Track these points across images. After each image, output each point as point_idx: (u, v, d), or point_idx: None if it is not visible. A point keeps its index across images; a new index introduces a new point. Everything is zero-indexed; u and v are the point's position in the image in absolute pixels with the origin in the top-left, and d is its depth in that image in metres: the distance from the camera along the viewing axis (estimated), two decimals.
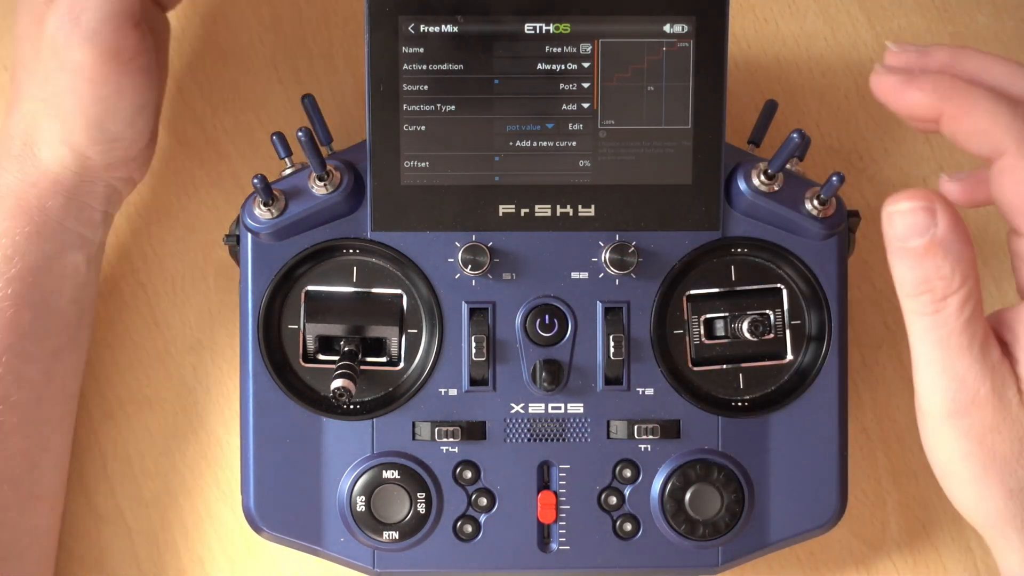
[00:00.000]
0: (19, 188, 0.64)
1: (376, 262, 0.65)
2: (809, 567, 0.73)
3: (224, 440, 0.73)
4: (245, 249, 0.65)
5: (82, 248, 0.66)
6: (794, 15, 0.74)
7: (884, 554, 0.73)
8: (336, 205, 0.64)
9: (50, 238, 0.64)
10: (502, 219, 0.64)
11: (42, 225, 0.64)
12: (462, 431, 0.64)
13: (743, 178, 0.64)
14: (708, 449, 0.65)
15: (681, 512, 0.65)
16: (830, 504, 0.66)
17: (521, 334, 0.65)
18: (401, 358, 0.65)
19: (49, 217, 0.64)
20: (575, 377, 0.65)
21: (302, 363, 0.65)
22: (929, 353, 0.53)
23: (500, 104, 0.63)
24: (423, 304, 0.65)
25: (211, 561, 0.73)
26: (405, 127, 0.63)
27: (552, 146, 0.63)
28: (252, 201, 0.64)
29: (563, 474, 0.65)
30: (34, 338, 0.65)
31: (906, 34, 0.73)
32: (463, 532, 0.65)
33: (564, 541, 0.65)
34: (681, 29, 0.62)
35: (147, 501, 0.72)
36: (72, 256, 0.66)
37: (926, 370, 0.53)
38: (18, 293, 0.64)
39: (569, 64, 0.63)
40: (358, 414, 0.65)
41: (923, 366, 0.53)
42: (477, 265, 0.64)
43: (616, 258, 0.64)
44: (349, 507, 0.64)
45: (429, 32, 0.62)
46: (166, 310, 0.72)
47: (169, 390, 0.73)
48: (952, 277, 0.51)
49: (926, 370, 0.53)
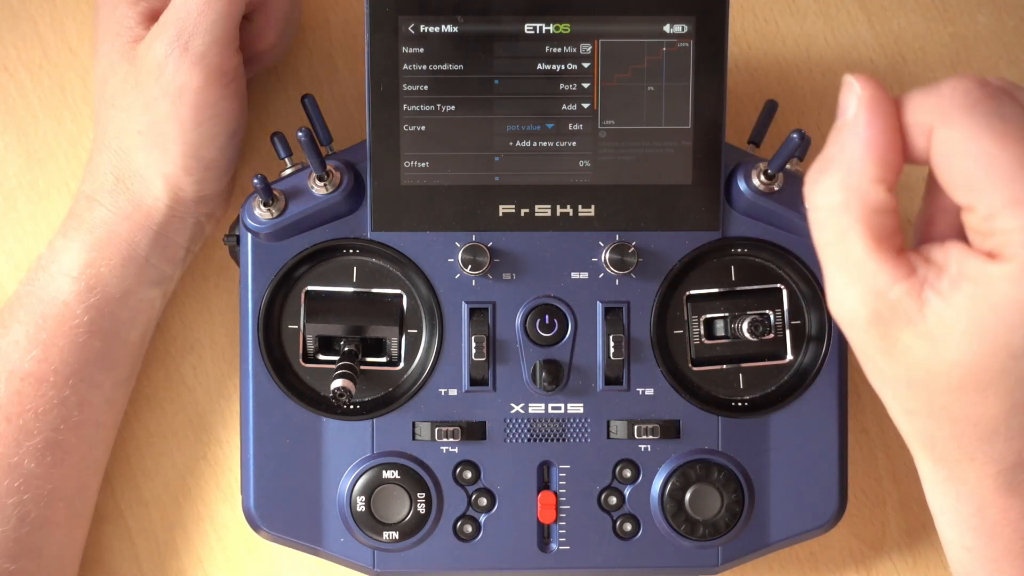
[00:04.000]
0: (112, 221, 0.65)
1: (376, 262, 0.65)
2: (809, 567, 0.73)
3: (224, 440, 0.73)
4: (245, 249, 0.65)
5: (160, 284, 0.68)
6: (794, 15, 0.74)
7: (884, 554, 0.73)
8: (336, 205, 0.64)
9: (133, 272, 0.66)
10: (502, 219, 0.64)
11: (128, 259, 0.66)
12: (462, 431, 0.64)
13: (743, 178, 0.64)
14: (708, 449, 0.65)
15: (681, 512, 0.65)
16: (830, 504, 0.66)
17: (521, 334, 0.65)
18: (401, 358, 0.65)
19: (136, 252, 0.66)
20: (575, 377, 0.65)
21: (302, 363, 0.65)
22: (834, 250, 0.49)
23: (500, 104, 0.63)
24: (423, 304, 0.65)
25: (211, 561, 0.73)
26: (405, 127, 0.63)
27: (552, 146, 0.63)
28: (252, 201, 0.64)
29: (563, 474, 0.65)
30: (101, 366, 0.67)
31: (906, 34, 0.73)
32: (463, 532, 0.65)
33: (564, 541, 0.65)
34: (681, 29, 0.62)
35: (147, 501, 0.72)
36: (149, 291, 0.68)
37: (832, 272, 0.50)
38: (93, 321, 0.65)
39: (569, 64, 0.63)
40: (358, 414, 0.65)
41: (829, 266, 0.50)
42: (477, 265, 0.64)
43: (616, 258, 0.64)
44: (349, 507, 0.64)
45: (429, 32, 0.62)
46: (166, 310, 0.72)
47: (169, 390, 0.73)
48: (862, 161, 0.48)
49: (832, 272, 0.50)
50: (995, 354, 0.46)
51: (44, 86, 0.73)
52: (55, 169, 0.73)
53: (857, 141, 0.48)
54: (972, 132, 0.46)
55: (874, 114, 0.47)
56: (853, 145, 0.48)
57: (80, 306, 0.65)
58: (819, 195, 0.49)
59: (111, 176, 0.65)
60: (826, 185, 0.48)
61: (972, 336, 0.46)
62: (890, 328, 0.48)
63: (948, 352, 0.47)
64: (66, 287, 0.65)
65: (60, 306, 0.65)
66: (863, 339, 0.49)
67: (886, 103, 0.48)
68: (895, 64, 0.73)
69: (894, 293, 0.47)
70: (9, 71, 0.73)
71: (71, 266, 0.65)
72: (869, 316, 0.48)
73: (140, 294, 0.67)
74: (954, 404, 0.49)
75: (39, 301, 0.65)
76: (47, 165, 0.73)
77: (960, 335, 0.47)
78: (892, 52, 0.73)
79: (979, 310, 0.46)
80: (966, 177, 0.46)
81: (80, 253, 0.65)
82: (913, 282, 0.47)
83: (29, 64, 0.73)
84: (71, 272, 0.65)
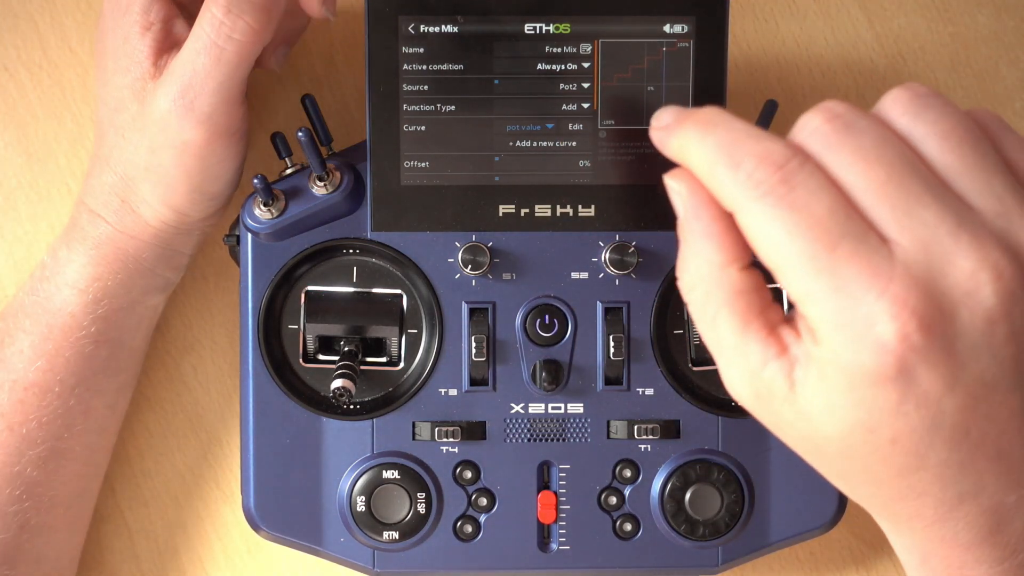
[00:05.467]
0: (118, 238, 0.65)
1: (376, 262, 0.65)
2: (809, 567, 0.73)
3: (224, 440, 0.73)
4: (245, 249, 0.65)
5: (164, 290, 0.68)
6: (794, 15, 0.74)
7: (884, 554, 0.73)
8: (336, 205, 0.64)
9: (139, 283, 0.66)
10: (502, 219, 0.64)
11: (135, 272, 0.65)
12: (462, 431, 0.64)
13: None
14: (708, 449, 0.65)
15: (681, 512, 0.65)
16: (830, 504, 0.66)
17: (521, 334, 0.65)
18: (401, 358, 0.65)
19: (142, 266, 0.66)
20: (575, 377, 0.65)
21: (302, 363, 0.65)
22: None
23: (500, 104, 0.63)
24: (423, 304, 0.65)
25: (211, 561, 0.73)
26: (405, 127, 0.63)
27: (552, 146, 0.63)
28: (252, 201, 0.64)
29: (563, 474, 0.65)
30: (106, 374, 0.67)
31: (906, 34, 0.73)
32: (463, 532, 0.65)
33: (564, 541, 0.65)
34: (681, 29, 0.62)
35: (147, 501, 0.72)
36: (153, 298, 0.68)
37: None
38: (100, 331, 0.65)
39: (569, 64, 0.63)
40: (358, 414, 0.65)
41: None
42: (477, 265, 0.64)
43: (616, 258, 0.64)
44: (349, 507, 0.64)
45: (429, 32, 0.62)
46: (166, 310, 0.72)
47: (169, 390, 0.73)
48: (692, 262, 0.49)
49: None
50: (853, 429, 0.47)
51: (44, 86, 0.73)
52: (55, 169, 0.73)
53: (694, 235, 0.49)
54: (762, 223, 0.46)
55: (698, 206, 0.48)
56: (693, 240, 0.49)
57: (87, 317, 0.65)
58: (685, 290, 0.50)
59: (116, 198, 0.64)
60: (686, 280, 0.50)
61: (830, 413, 0.47)
62: (771, 405, 0.49)
63: (819, 427, 0.47)
64: (73, 299, 0.65)
65: (67, 317, 0.65)
66: (757, 416, 0.50)
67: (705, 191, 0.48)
68: (895, 64, 0.73)
69: (767, 372, 0.48)
70: (9, 71, 0.73)
71: (77, 279, 0.65)
72: (752, 395, 0.49)
73: (146, 302, 0.67)
74: (850, 471, 0.49)
75: (44, 312, 0.65)
76: (47, 165, 0.73)
77: (821, 412, 0.47)
78: (892, 52, 0.73)
79: (826, 389, 0.46)
80: (769, 263, 0.47)
81: (86, 266, 0.65)
82: (784, 361, 0.48)
83: (29, 64, 0.73)
84: (77, 284, 0.65)
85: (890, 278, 0.45)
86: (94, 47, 0.65)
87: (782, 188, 0.46)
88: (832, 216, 0.45)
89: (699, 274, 0.49)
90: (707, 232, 0.49)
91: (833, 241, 0.45)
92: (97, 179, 0.65)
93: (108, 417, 0.68)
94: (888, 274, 0.45)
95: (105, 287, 0.65)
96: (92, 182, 0.65)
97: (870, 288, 0.45)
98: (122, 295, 0.66)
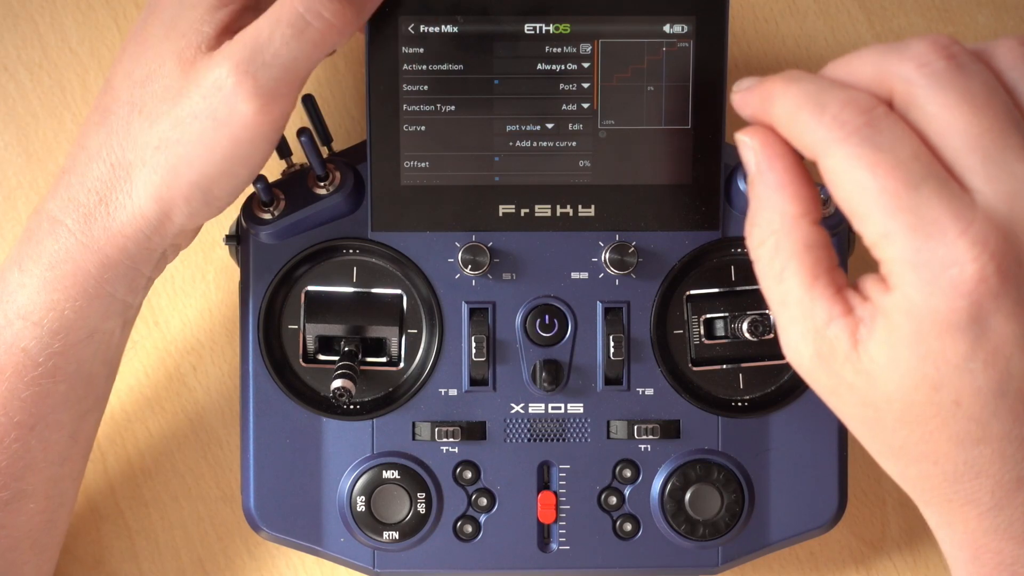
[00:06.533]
0: (80, 255, 0.58)
1: (376, 262, 0.65)
2: (809, 567, 0.73)
3: (224, 440, 0.73)
4: (245, 249, 0.65)
5: (122, 314, 0.62)
6: (794, 15, 0.74)
7: (884, 554, 0.73)
8: (336, 205, 0.64)
9: (97, 310, 0.60)
10: (502, 219, 0.64)
11: (94, 298, 0.59)
12: (462, 431, 0.64)
13: (743, 178, 0.64)
14: (708, 449, 0.65)
15: (681, 512, 0.65)
16: (830, 504, 0.66)
17: (521, 334, 0.65)
18: (401, 358, 0.65)
19: (102, 289, 0.59)
20: (575, 377, 0.65)
21: (302, 363, 0.65)
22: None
23: (500, 104, 0.63)
24: (423, 304, 0.65)
25: (211, 561, 0.73)
26: (405, 127, 0.63)
27: (552, 146, 0.63)
28: (252, 201, 0.64)
29: (563, 474, 0.65)
30: (65, 408, 0.61)
31: (906, 34, 0.73)
32: (463, 532, 0.65)
33: (564, 541, 0.65)
34: (681, 29, 0.62)
35: (147, 501, 0.72)
36: (111, 323, 0.61)
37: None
38: (57, 367, 0.60)
39: (569, 64, 0.63)
40: (358, 414, 0.65)
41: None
42: (477, 265, 0.64)
43: (616, 258, 0.64)
44: (349, 507, 0.64)
45: (429, 32, 0.62)
46: (166, 310, 0.72)
47: (169, 390, 0.73)
48: None
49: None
50: (918, 386, 0.46)
51: (44, 86, 0.73)
52: (55, 169, 0.73)
53: (767, 188, 0.49)
54: (846, 164, 0.46)
55: (772, 158, 0.49)
56: (766, 192, 0.49)
57: (43, 353, 0.59)
58: (754, 245, 0.50)
59: (94, 195, 0.58)
60: (756, 234, 0.50)
61: (894, 370, 0.47)
62: (832, 365, 0.48)
63: (883, 387, 0.47)
64: (26, 332, 0.59)
65: (20, 354, 0.59)
66: (813, 379, 0.50)
67: (779, 144, 0.49)
68: None
69: (832, 330, 0.48)
70: (9, 71, 0.73)
71: (30, 308, 0.59)
72: (812, 354, 0.49)
73: (102, 327, 0.61)
74: (908, 441, 0.48)
75: None
76: (47, 165, 0.73)
77: (885, 369, 0.47)
78: None
79: (893, 342, 0.46)
80: (848, 206, 0.47)
81: (40, 292, 0.58)
82: (849, 320, 0.48)
83: (29, 64, 0.73)
84: (31, 316, 0.58)
85: (971, 220, 0.44)
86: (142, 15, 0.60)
87: (868, 130, 0.46)
88: (916, 159, 0.46)
89: (770, 226, 0.49)
90: (780, 182, 0.49)
91: (915, 182, 0.45)
92: (74, 175, 0.59)
93: (71, 447, 0.63)
94: (969, 217, 0.45)
95: (62, 317, 0.59)
96: (65, 180, 0.59)
97: (950, 228, 0.44)
98: (80, 326, 0.59)
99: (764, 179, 0.50)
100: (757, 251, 0.50)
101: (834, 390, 0.49)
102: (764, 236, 0.50)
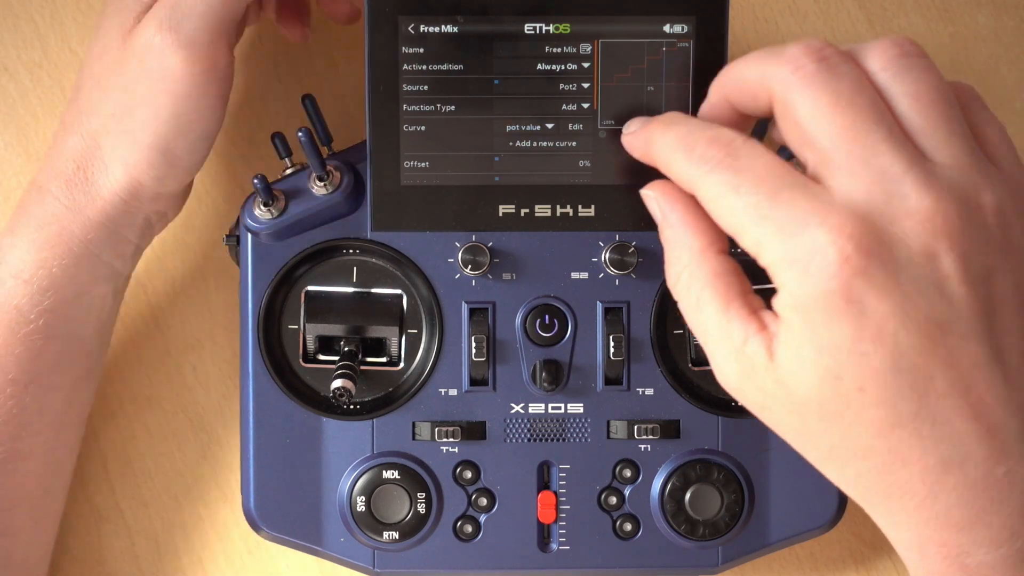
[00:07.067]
0: (64, 217, 0.62)
1: (376, 262, 0.65)
2: (809, 567, 0.73)
3: (224, 440, 0.73)
4: (245, 249, 0.65)
5: (111, 280, 0.66)
6: (794, 15, 0.74)
7: (884, 554, 0.73)
8: (336, 205, 0.64)
9: (85, 270, 0.63)
10: (502, 219, 0.64)
11: (80, 257, 0.63)
12: (462, 431, 0.64)
13: None
14: (708, 449, 0.65)
15: (681, 512, 0.65)
16: (830, 504, 0.66)
17: (521, 334, 0.65)
18: (401, 358, 0.65)
19: (88, 249, 0.63)
20: (575, 377, 0.65)
21: (302, 363, 0.65)
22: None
23: (500, 104, 0.63)
24: (423, 304, 0.65)
25: (211, 561, 0.73)
26: (405, 127, 0.63)
27: (552, 146, 0.63)
28: (252, 201, 0.64)
29: (563, 474, 0.65)
30: (59, 369, 0.64)
31: (906, 34, 0.73)
32: (463, 532, 0.65)
33: (564, 541, 0.65)
34: (681, 29, 0.62)
35: (147, 501, 0.72)
36: (101, 288, 0.65)
37: None
38: (49, 324, 0.63)
39: (569, 64, 0.63)
40: (358, 414, 0.65)
41: None
42: (477, 265, 0.64)
43: (616, 258, 0.64)
44: (349, 507, 0.64)
45: (429, 32, 0.62)
46: (166, 310, 0.72)
47: (169, 390, 0.73)
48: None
49: None
50: (823, 380, 0.49)
51: (44, 86, 0.73)
52: None
53: (672, 228, 0.54)
54: (716, 191, 0.51)
55: (672, 202, 0.54)
56: (672, 233, 0.54)
57: (34, 310, 0.62)
58: (672, 283, 0.54)
59: (72, 163, 0.62)
60: (671, 272, 0.54)
61: (801, 369, 0.49)
62: (755, 381, 0.51)
63: (797, 389, 0.49)
64: (18, 290, 0.62)
65: (12, 311, 0.62)
66: (744, 398, 0.53)
67: (677, 190, 0.54)
68: None
69: (749, 347, 0.51)
70: (9, 71, 0.73)
71: (21, 267, 0.62)
72: (737, 373, 0.52)
73: (92, 291, 0.65)
74: (834, 441, 0.50)
75: None
76: None
77: (795, 372, 0.49)
78: None
79: (794, 343, 0.49)
80: (727, 227, 0.51)
81: (29, 251, 0.62)
82: (764, 335, 0.50)
83: (29, 64, 0.73)
84: (21, 274, 0.62)
85: (828, 212, 0.48)
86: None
87: (729, 159, 0.51)
88: (772, 171, 0.50)
89: (681, 262, 0.54)
90: (683, 221, 0.54)
91: (774, 191, 0.49)
92: (55, 148, 0.63)
93: (65, 412, 0.66)
94: (827, 209, 0.48)
95: (50, 274, 0.62)
96: (50, 153, 0.64)
97: (810, 221, 0.48)
98: (68, 284, 0.63)
99: (668, 221, 0.54)
100: (675, 287, 0.54)
101: (763, 405, 0.52)
102: (679, 271, 0.54)
